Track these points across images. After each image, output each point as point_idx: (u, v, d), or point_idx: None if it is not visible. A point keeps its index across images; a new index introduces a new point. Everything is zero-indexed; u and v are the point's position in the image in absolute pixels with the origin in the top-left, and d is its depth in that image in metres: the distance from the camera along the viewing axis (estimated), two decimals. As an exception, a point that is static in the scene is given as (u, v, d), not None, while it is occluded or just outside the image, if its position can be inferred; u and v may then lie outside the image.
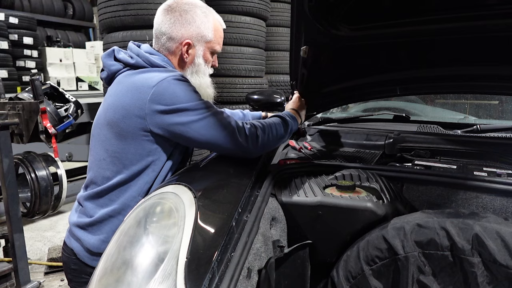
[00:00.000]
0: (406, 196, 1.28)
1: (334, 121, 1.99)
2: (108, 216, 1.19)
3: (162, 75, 1.16)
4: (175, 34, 1.26)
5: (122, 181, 1.19)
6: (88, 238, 1.19)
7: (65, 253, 1.26)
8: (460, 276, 0.94)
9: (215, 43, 1.32)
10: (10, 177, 2.10)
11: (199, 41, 1.29)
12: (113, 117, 1.18)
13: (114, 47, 1.29)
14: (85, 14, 9.75)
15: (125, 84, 1.20)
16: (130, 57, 1.24)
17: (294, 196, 1.16)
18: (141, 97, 1.14)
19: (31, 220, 3.62)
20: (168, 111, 1.13)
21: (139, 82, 1.17)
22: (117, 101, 1.18)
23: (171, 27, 1.25)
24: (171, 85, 1.14)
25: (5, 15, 6.45)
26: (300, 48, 1.38)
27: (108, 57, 1.28)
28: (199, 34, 1.27)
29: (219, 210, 0.97)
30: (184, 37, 1.26)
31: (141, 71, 1.22)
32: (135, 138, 1.16)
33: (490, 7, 1.23)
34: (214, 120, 1.16)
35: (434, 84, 1.66)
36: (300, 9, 1.26)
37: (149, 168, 1.20)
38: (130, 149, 1.17)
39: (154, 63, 1.23)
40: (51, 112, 2.26)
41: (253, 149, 1.21)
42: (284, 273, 0.99)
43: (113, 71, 1.27)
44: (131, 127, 1.15)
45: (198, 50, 1.30)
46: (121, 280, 0.79)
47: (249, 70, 4.23)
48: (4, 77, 6.11)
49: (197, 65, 1.31)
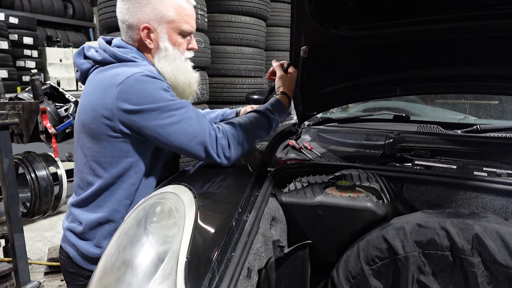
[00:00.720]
0: (406, 196, 1.28)
1: (334, 121, 1.99)
2: (97, 223, 1.15)
3: (129, 71, 1.08)
4: (132, 20, 1.16)
5: (105, 185, 1.14)
6: (81, 244, 1.16)
7: (62, 256, 1.24)
8: (460, 276, 0.94)
9: (180, 22, 1.19)
10: (10, 177, 2.10)
11: (159, 22, 1.17)
12: (85, 119, 1.13)
13: (84, 45, 1.23)
14: (85, 14, 9.75)
15: (93, 82, 1.15)
16: (98, 54, 1.17)
17: (294, 196, 1.16)
18: (107, 96, 1.07)
19: (31, 220, 3.61)
20: (135, 111, 1.06)
21: (106, 80, 1.10)
22: (87, 102, 1.13)
23: (127, 13, 1.16)
24: (138, 82, 1.06)
25: (5, 15, 6.45)
26: (300, 48, 1.38)
27: (79, 55, 1.22)
28: (157, 15, 1.16)
29: (219, 210, 0.97)
30: (141, 22, 1.16)
31: (108, 68, 1.14)
32: (108, 140, 1.11)
33: (490, 7, 1.23)
34: (183, 126, 1.09)
35: (434, 84, 1.66)
36: (300, 9, 1.26)
37: (130, 170, 1.14)
38: (106, 151, 1.12)
39: (121, 57, 1.14)
40: (51, 112, 2.26)
41: (224, 160, 1.17)
42: (284, 273, 0.99)
43: (84, 70, 1.20)
44: (102, 128, 1.10)
45: (161, 33, 1.18)
46: (121, 280, 0.79)
47: (249, 70, 4.23)
48: (4, 77, 6.12)
49: (163, 50, 1.20)
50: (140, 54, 1.20)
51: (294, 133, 1.84)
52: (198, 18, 3.81)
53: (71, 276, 1.22)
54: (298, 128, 1.87)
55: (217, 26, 4.22)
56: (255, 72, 4.27)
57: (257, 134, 1.25)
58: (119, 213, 1.15)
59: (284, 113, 1.35)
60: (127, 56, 1.15)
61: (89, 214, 1.16)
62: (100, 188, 1.14)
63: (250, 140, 1.22)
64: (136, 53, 1.19)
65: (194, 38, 1.28)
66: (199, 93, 1.32)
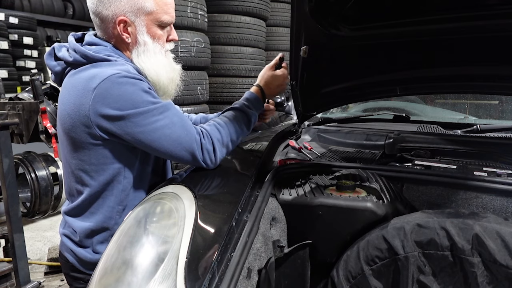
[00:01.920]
0: (406, 196, 1.28)
1: (334, 121, 1.99)
2: (92, 231, 1.11)
3: (103, 73, 0.99)
4: (105, 12, 1.05)
5: (94, 193, 1.08)
6: (79, 250, 1.13)
7: (61, 259, 1.22)
8: (460, 276, 0.94)
9: (159, 13, 1.09)
10: (10, 177, 2.10)
11: (137, 14, 1.06)
12: (64, 127, 1.05)
13: (55, 44, 1.12)
14: (85, 14, 9.73)
15: (67, 87, 1.05)
16: (68, 54, 1.07)
17: (294, 196, 1.16)
18: (82, 103, 0.98)
19: (31, 220, 3.61)
20: (114, 117, 0.98)
21: (79, 84, 1.01)
22: (63, 110, 1.04)
23: (100, 4, 1.05)
24: (115, 85, 0.98)
25: (5, 15, 6.44)
26: (300, 48, 1.38)
27: (50, 57, 1.12)
28: (133, 7, 1.05)
29: (219, 210, 0.97)
30: (117, 14, 1.05)
31: (81, 70, 1.04)
32: (90, 148, 1.03)
33: (490, 7, 1.23)
34: (168, 132, 1.03)
35: (434, 84, 1.66)
36: (300, 9, 1.26)
37: (119, 175, 1.08)
38: (90, 160, 1.05)
39: (93, 57, 1.03)
40: (51, 112, 2.26)
41: (210, 164, 1.12)
42: (284, 273, 0.99)
43: (58, 71, 1.11)
44: (82, 136, 1.02)
45: (139, 26, 1.08)
46: (121, 280, 0.79)
47: (249, 70, 4.23)
48: (4, 77, 6.11)
49: (142, 44, 1.09)
50: (115, 50, 1.10)
51: (294, 133, 1.84)
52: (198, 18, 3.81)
53: (71, 278, 1.21)
54: (298, 128, 1.87)
55: (217, 26, 4.22)
56: (255, 72, 4.27)
57: (239, 133, 1.20)
58: (113, 219, 1.11)
59: (260, 108, 1.30)
60: (100, 55, 1.04)
61: (83, 223, 1.11)
62: (90, 197, 1.09)
63: (234, 140, 1.18)
64: (111, 49, 1.09)
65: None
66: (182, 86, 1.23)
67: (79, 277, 1.16)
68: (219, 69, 4.26)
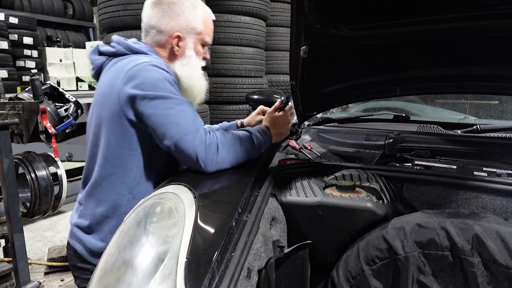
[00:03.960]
0: (406, 196, 1.28)
1: (334, 121, 1.99)
2: (103, 217, 1.19)
3: (139, 60, 1.16)
4: (164, 27, 1.25)
5: (106, 174, 1.18)
6: (88, 239, 1.20)
7: (69, 251, 1.27)
8: (460, 276, 0.94)
9: (205, 34, 1.31)
10: (10, 177, 2.10)
11: (189, 33, 1.27)
12: (97, 109, 1.20)
13: (98, 44, 1.31)
14: (85, 14, 9.75)
15: (107, 73, 1.23)
16: (112, 47, 1.25)
17: (294, 196, 1.16)
18: (116, 83, 1.14)
19: (31, 220, 3.61)
20: (138, 96, 1.11)
21: (117, 69, 1.18)
22: (100, 92, 1.21)
23: (160, 20, 1.24)
24: (145, 69, 1.13)
25: (5, 15, 6.44)
26: (300, 48, 1.38)
27: (93, 53, 1.30)
28: (188, 26, 1.26)
29: (219, 210, 0.97)
30: (174, 30, 1.25)
31: (121, 58, 1.22)
32: (113, 127, 1.15)
33: (490, 7, 1.23)
34: (178, 120, 1.11)
35: (434, 84, 1.66)
36: (300, 9, 1.26)
37: (132, 163, 1.17)
38: (109, 139, 1.17)
39: (134, 49, 1.23)
40: (51, 112, 2.26)
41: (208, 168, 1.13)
42: (284, 273, 0.99)
43: (98, 65, 1.28)
44: (109, 114, 1.15)
45: (189, 42, 1.28)
46: (121, 280, 0.79)
47: (249, 70, 4.23)
48: (4, 77, 6.11)
49: (187, 57, 1.29)
50: (153, 51, 1.27)
51: (294, 133, 1.84)
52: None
53: (79, 271, 1.24)
54: (298, 128, 1.87)
55: (217, 26, 4.20)
56: (255, 72, 4.27)
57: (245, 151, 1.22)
58: (123, 207, 1.17)
59: (267, 139, 1.32)
60: (140, 49, 1.23)
61: (93, 208, 1.20)
62: (102, 178, 1.18)
63: (238, 156, 1.20)
64: (150, 49, 1.26)
65: None
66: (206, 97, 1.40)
67: (86, 267, 1.21)
68: (219, 69, 4.26)
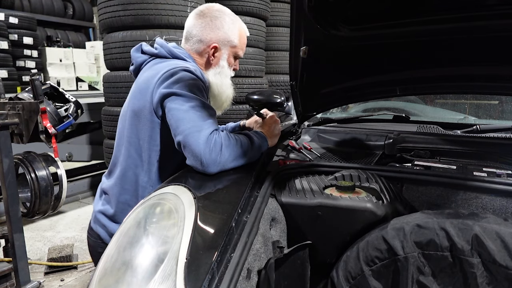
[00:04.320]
0: (406, 197, 1.28)
1: (334, 121, 1.99)
2: (127, 205, 1.27)
3: (176, 64, 1.26)
4: (204, 37, 1.37)
5: (132, 165, 1.28)
6: (112, 225, 1.29)
7: (92, 237, 1.36)
8: (459, 276, 0.94)
9: (239, 48, 1.42)
10: (10, 177, 2.10)
11: (225, 45, 1.39)
12: (133, 102, 1.29)
13: (142, 43, 1.42)
14: (85, 14, 9.75)
15: (147, 71, 1.33)
16: (155, 49, 1.37)
17: (294, 197, 1.16)
18: (152, 81, 1.24)
19: (31, 220, 3.61)
20: (167, 94, 1.20)
21: (156, 70, 1.28)
22: (137, 88, 1.30)
23: (202, 30, 1.36)
24: (179, 72, 1.22)
25: (5, 15, 6.45)
26: (300, 48, 1.38)
27: (136, 50, 1.41)
28: (226, 39, 1.38)
29: (218, 210, 0.97)
30: (213, 41, 1.37)
31: (162, 60, 1.33)
32: (146, 122, 1.25)
33: (490, 8, 1.23)
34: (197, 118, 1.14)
35: (434, 84, 1.66)
36: (300, 9, 1.26)
37: (154, 157, 1.27)
38: (141, 134, 1.26)
39: (175, 54, 1.34)
40: (51, 112, 2.26)
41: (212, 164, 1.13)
42: (284, 273, 0.99)
43: (139, 62, 1.39)
44: (143, 108, 1.25)
45: (224, 54, 1.40)
46: (121, 281, 0.79)
47: (249, 70, 4.22)
48: (4, 77, 6.12)
49: (221, 67, 1.41)
50: (191, 58, 1.38)
51: (294, 133, 1.84)
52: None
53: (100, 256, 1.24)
54: (298, 129, 1.87)
55: (217, 26, 4.21)
56: (255, 72, 4.27)
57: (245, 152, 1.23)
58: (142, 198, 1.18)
59: (265, 142, 1.35)
60: (180, 54, 1.35)
61: (118, 196, 1.30)
62: (127, 167, 1.28)
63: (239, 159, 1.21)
64: (188, 56, 1.37)
65: None
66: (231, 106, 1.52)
67: None
68: (219, 69, 4.25)
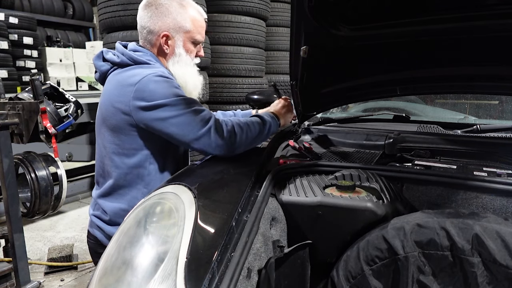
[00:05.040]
0: (406, 196, 1.28)
1: (334, 121, 1.99)
2: (121, 210, 1.28)
3: (144, 72, 1.23)
4: (153, 27, 1.33)
5: (124, 174, 1.28)
6: (108, 228, 1.31)
7: (90, 240, 1.39)
8: (460, 276, 0.94)
9: (194, 32, 1.37)
10: (10, 177, 2.10)
11: (177, 31, 1.34)
12: (106, 115, 1.27)
13: (103, 49, 1.38)
14: (85, 14, 9.75)
15: (112, 82, 1.30)
16: (116, 57, 1.32)
17: (294, 196, 1.16)
18: (125, 95, 1.22)
19: (31, 220, 3.61)
20: (148, 107, 1.19)
21: (123, 80, 1.25)
22: (107, 100, 1.27)
23: (149, 20, 1.32)
24: (151, 82, 1.20)
25: (5, 15, 6.45)
26: (300, 48, 1.38)
27: (98, 58, 1.37)
28: (176, 25, 1.33)
29: (219, 210, 0.97)
30: (162, 29, 1.32)
31: (126, 69, 1.29)
32: (126, 133, 1.25)
33: (490, 7, 1.23)
34: (192, 117, 1.20)
35: (434, 84, 1.66)
36: (300, 9, 1.26)
37: (146, 161, 1.28)
38: (124, 144, 1.26)
39: (137, 60, 1.30)
40: (51, 112, 2.26)
41: (230, 146, 1.25)
42: (284, 273, 0.99)
43: (103, 71, 1.35)
44: (121, 123, 1.24)
45: (177, 41, 1.35)
46: (121, 280, 0.79)
47: (249, 70, 4.23)
48: (4, 77, 6.12)
49: (178, 55, 1.36)
50: (154, 57, 1.35)
51: (294, 133, 1.84)
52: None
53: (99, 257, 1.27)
54: (298, 128, 1.87)
55: (217, 26, 4.22)
56: (255, 72, 4.27)
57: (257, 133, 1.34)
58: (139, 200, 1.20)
59: (277, 126, 1.44)
60: (143, 59, 1.30)
61: (113, 204, 1.30)
62: (119, 178, 1.29)
63: (253, 135, 1.32)
64: (151, 56, 1.34)
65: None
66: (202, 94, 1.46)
67: None
68: (219, 69, 4.25)
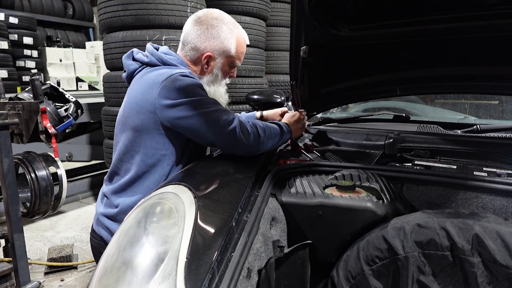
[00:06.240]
0: (406, 196, 1.28)
1: (334, 121, 1.99)
2: (131, 207, 1.24)
3: (170, 72, 1.25)
4: (199, 45, 1.35)
5: (141, 172, 1.28)
6: (114, 226, 1.29)
7: (95, 239, 1.37)
8: (460, 276, 0.94)
9: (235, 58, 1.41)
10: (10, 177, 2.10)
11: (221, 55, 1.37)
12: (129, 113, 1.28)
13: (133, 49, 1.40)
14: (85, 14, 9.75)
15: (139, 81, 1.31)
16: (146, 56, 1.35)
17: (294, 196, 1.16)
18: (151, 93, 1.23)
19: (31, 220, 3.61)
20: (174, 105, 1.20)
21: (150, 79, 1.26)
22: (133, 98, 1.29)
23: (197, 38, 1.35)
24: (177, 80, 1.22)
25: (5, 15, 6.45)
26: (300, 48, 1.38)
27: (127, 57, 1.40)
28: (221, 49, 1.36)
29: (219, 210, 0.97)
30: (207, 50, 1.35)
31: (154, 69, 1.31)
32: (149, 132, 1.25)
33: (490, 7, 1.23)
34: (217, 116, 1.23)
35: (435, 84, 1.66)
36: (300, 9, 1.26)
37: (163, 161, 1.28)
38: (145, 142, 1.26)
39: (166, 61, 1.33)
40: (51, 112, 2.26)
41: (253, 147, 1.28)
42: (284, 273, 0.99)
43: (131, 70, 1.37)
44: (145, 121, 1.24)
45: (218, 63, 1.39)
46: (121, 280, 0.79)
47: (249, 70, 4.23)
48: (4, 77, 6.11)
49: (214, 76, 1.40)
50: (184, 64, 1.37)
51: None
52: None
53: None
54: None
55: (217, 26, 4.21)
56: (255, 72, 4.27)
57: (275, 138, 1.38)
58: None
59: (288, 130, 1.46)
60: (171, 62, 1.33)
61: (125, 199, 1.30)
62: (136, 175, 1.29)
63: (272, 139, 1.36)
64: (181, 62, 1.36)
65: None
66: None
67: None
68: (219, 69, 4.25)
